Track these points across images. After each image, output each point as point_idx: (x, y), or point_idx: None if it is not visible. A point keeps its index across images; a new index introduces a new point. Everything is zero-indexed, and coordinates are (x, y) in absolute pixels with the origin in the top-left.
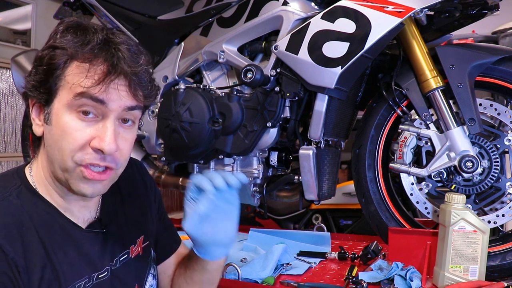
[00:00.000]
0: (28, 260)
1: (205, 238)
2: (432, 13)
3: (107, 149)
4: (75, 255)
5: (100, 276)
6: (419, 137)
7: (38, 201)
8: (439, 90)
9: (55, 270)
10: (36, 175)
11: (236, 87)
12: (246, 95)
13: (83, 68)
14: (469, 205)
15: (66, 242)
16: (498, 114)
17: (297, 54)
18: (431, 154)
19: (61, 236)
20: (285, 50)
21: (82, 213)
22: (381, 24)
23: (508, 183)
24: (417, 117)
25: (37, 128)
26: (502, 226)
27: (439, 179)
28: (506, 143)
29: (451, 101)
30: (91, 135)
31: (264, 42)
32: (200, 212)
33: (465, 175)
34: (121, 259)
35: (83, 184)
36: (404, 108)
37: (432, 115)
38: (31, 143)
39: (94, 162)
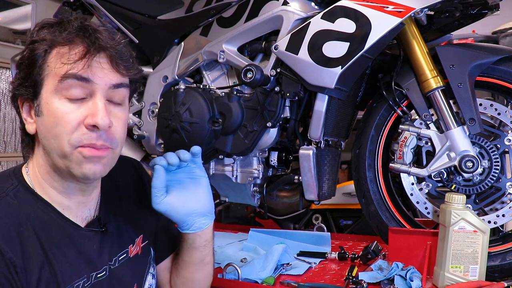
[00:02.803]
0: (26, 260)
1: (176, 211)
2: (432, 13)
3: (101, 123)
4: (74, 254)
5: (98, 276)
6: (419, 137)
7: (36, 201)
8: (439, 90)
9: (54, 270)
10: (33, 174)
11: (236, 87)
12: (246, 95)
13: (64, 51)
14: (469, 205)
15: (65, 242)
16: (498, 114)
17: (297, 54)
18: (431, 154)
19: (60, 236)
20: (285, 50)
21: (81, 210)
22: (381, 24)
23: (508, 183)
24: (417, 117)
25: (30, 126)
26: (502, 226)
27: (439, 179)
28: (506, 143)
29: (451, 101)
30: (83, 114)
31: (264, 42)
32: (155, 186)
33: (465, 175)
34: (120, 259)
35: (84, 165)
36: (404, 108)
37: (432, 115)
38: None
39: (91, 142)
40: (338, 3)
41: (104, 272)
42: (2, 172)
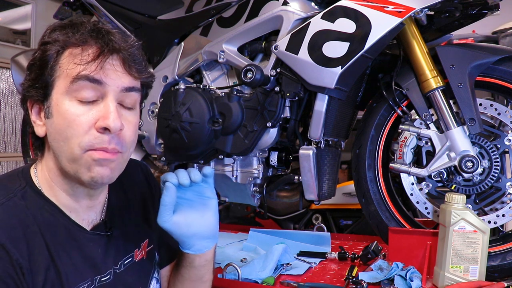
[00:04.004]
0: (32, 262)
1: (180, 231)
2: (432, 13)
3: (112, 125)
4: (79, 257)
5: (102, 279)
6: (419, 137)
7: (43, 202)
8: (439, 90)
9: (59, 272)
10: (41, 176)
11: (236, 87)
12: (246, 95)
13: (76, 52)
14: (469, 205)
15: (70, 244)
16: (498, 114)
17: (297, 54)
18: (431, 154)
19: (65, 238)
20: (285, 50)
21: (87, 214)
22: (381, 24)
23: (508, 183)
24: (417, 117)
25: (39, 128)
26: (502, 226)
27: (439, 179)
28: (506, 143)
29: (451, 101)
30: (94, 117)
31: (264, 42)
32: (164, 204)
33: (465, 175)
34: (125, 263)
35: (93, 168)
36: (404, 108)
37: (432, 115)
38: (31, 144)
39: (103, 146)
40: (338, 3)
41: (109, 276)
42: (10, 172)
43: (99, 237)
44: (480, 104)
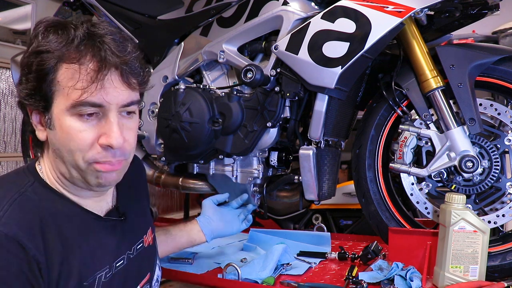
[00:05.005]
0: (49, 255)
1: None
2: (432, 13)
3: (115, 144)
4: (95, 245)
5: (117, 265)
6: (419, 137)
7: (54, 196)
8: (439, 90)
9: (75, 263)
10: (46, 172)
11: (236, 87)
12: (246, 95)
13: (73, 70)
14: (469, 205)
15: (85, 233)
16: (499, 114)
17: (297, 54)
18: (431, 154)
19: (80, 228)
20: (285, 50)
21: (98, 204)
22: (381, 24)
23: (508, 183)
24: (417, 117)
25: (40, 133)
26: (502, 226)
27: (439, 179)
28: (506, 143)
29: (451, 101)
30: (97, 133)
31: (264, 42)
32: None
33: (465, 175)
34: (138, 247)
35: (100, 177)
36: (404, 108)
37: (432, 115)
38: (31, 144)
39: (106, 160)
40: (338, 3)
41: (122, 260)
42: (16, 170)
43: (113, 223)
44: (480, 104)
